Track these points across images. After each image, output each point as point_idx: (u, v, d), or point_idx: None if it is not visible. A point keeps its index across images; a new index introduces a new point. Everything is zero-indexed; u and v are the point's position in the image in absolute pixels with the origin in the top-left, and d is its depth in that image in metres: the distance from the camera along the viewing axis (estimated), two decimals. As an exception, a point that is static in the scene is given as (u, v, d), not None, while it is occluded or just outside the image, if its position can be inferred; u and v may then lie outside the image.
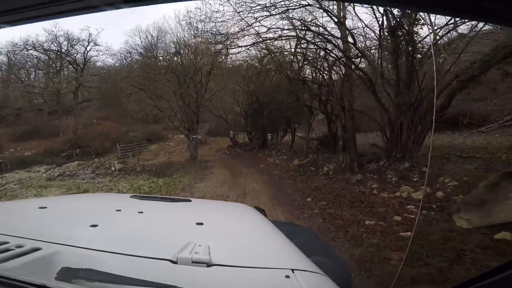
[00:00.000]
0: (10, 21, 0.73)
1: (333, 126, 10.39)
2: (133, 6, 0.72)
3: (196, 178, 8.96)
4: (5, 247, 0.74)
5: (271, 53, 10.57)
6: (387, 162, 7.20)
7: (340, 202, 5.57)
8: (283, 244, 1.07)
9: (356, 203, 5.42)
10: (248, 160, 13.70)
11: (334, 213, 4.97)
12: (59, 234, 0.88)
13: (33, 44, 23.91)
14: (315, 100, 11.03)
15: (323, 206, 5.46)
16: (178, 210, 1.45)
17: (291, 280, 0.72)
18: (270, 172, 9.96)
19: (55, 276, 0.64)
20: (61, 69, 28.46)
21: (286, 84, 12.79)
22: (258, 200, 6.21)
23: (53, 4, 0.68)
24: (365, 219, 4.59)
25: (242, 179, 8.80)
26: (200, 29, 8.97)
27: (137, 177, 9.35)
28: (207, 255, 0.78)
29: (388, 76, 7.44)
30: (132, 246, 0.84)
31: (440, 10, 0.67)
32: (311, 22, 8.12)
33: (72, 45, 25.72)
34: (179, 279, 0.67)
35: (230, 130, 18.75)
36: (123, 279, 0.63)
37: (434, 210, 4.87)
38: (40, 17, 0.73)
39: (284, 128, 15.54)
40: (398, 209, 5.06)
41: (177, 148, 20.82)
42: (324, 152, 10.28)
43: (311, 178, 8.08)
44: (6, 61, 26.97)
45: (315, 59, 9.81)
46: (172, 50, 14.80)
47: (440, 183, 5.98)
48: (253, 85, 16.14)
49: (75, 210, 1.36)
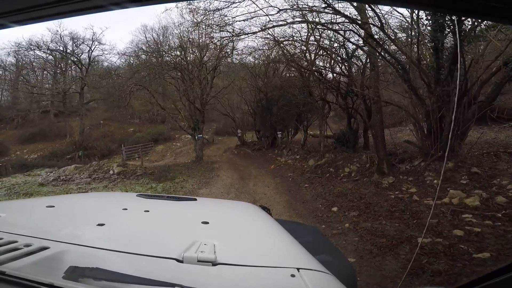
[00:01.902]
0: (17, 21, 0.74)
1: (353, 122, 9.24)
2: (139, 5, 0.72)
3: (200, 183, 8.02)
4: (13, 246, 0.75)
5: (280, 43, 9.55)
6: (424, 161, 6.10)
7: (375, 212, 4.50)
8: (289, 243, 1.05)
9: (397, 213, 4.35)
10: (257, 161, 12.75)
11: (372, 228, 3.92)
12: (67, 233, 0.90)
13: (37, 44, 23.54)
14: (332, 93, 9.95)
15: (354, 218, 4.40)
16: (184, 209, 1.45)
17: (297, 279, 0.71)
18: (282, 174, 8.95)
19: (63, 275, 0.63)
20: (66, 70, 28.29)
21: (297, 77, 11.81)
22: (271, 209, 5.18)
23: (59, 4, 0.68)
24: (415, 235, 3.54)
25: (251, 183, 7.83)
26: (205, 15, 7.97)
27: (137, 182, 8.50)
28: (213, 254, 0.77)
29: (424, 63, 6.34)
30: (138, 245, 0.84)
31: (445, 10, 0.78)
32: (325, 9, 7.09)
33: (77, 45, 25.34)
34: (185, 278, 0.66)
35: (238, 129, 18.05)
36: (130, 278, 0.63)
37: (501, 219, 3.82)
38: (47, 17, 0.74)
39: (295, 126, 14.57)
40: (452, 220, 3.99)
41: (184, 149, 20.19)
42: (342, 151, 9.20)
43: (331, 181, 7.02)
44: (14, 62, 26.94)
45: (332, 47, 8.71)
46: (175, 44, 13.91)
47: (497, 186, 4.89)
48: (261, 80, 15.26)
49: (82, 209, 1.36)
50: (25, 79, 27.92)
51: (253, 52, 11.42)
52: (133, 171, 9.59)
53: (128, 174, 9.26)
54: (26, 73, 28.30)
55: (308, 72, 9.83)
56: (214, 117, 22.82)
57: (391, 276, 2.76)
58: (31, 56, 25.80)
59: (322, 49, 8.88)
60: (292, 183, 7.48)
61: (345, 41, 8.10)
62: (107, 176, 9.00)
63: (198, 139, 12.79)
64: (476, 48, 6.11)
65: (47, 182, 8.98)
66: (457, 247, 3.15)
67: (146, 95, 14.11)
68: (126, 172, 9.37)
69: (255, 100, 16.48)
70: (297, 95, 11.22)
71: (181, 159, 15.21)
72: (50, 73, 28.30)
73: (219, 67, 14.06)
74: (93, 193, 6.12)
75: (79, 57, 25.78)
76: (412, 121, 6.41)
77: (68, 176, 9.09)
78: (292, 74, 13.26)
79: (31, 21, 0.76)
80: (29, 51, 24.68)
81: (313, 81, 9.77)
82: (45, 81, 29.45)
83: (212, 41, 9.53)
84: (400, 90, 7.25)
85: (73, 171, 9.56)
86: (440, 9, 0.60)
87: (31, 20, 0.74)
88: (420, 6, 1.05)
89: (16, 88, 27.82)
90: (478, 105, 5.83)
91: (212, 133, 24.36)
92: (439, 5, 0.60)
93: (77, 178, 8.90)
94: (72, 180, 8.79)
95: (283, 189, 6.90)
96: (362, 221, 4.25)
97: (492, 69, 5.77)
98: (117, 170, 9.26)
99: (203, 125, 13.52)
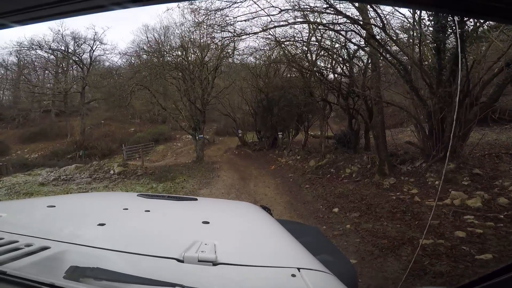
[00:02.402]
0: (19, 21, 0.73)
1: (355, 123, 9.21)
2: (140, 5, 0.72)
3: (201, 183, 8.00)
4: (14, 246, 0.75)
5: (281, 44, 9.54)
6: (426, 162, 6.08)
7: (376, 213, 4.48)
8: (289, 243, 1.05)
9: (398, 214, 4.33)
10: (258, 161, 12.74)
11: (373, 229, 3.89)
12: (67, 233, 0.90)
13: (39, 44, 23.59)
14: (333, 94, 9.92)
15: (355, 219, 4.39)
16: (185, 209, 1.45)
17: (297, 279, 0.71)
18: (283, 174, 8.94)
19: (64, 275, 0.63)
20: (68, 69, 28.32)
21: (298, 78, 11.80)
22: (272, 210, 5.17)
23: (61, 4, 0.68)
24: (417, 236, 3.52)
25: (252, 184, 7.81)
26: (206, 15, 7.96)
27: (137, 182, 8.49)
28: (213, 253, 0.77)
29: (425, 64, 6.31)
30: (139, 245, 0.84)
31: (446, 10, 0.67)
32: (326, 9, 7.07)
33: (79, 44, 25.36)
34: (185, 278, 0.66)
35: (239, 129, 18.00)
36: (130, 278, 0.63)
37: (503, 221, 3.81)
38: (49, 17, 0.74)
39: (296, 126, 14.55)
40: (454, 221, 3.97)
41: (184, 149, 20.18)
42: (343, 152, 9.18)
43: (332, 182, 7.00)
44: (16, 62, 26.99)
45: (333, 47, 8.70)
46: (176, 44, 13.91)
47: (498, 187, 4.86)
48: (262, 81, 15.25)
49: (83, 209, 1.35)
50: (26, 79, 27.95)
51: (254, 53, 11.42)
52: (134, 171, 9.59)
53: (129, 174, 9.26)
54: (27, 73, 28.35)
55: (310, 73, 9.81)
56: (215, 117, 22.81)
57: (393, 277, 2.74)
58: (32, 55, 25.88)
59: (323, 50, 8.86)
60: (293, 183, 7.46)
61: (346, 41, 8.09)
62: (107, 176, 9.00)
63: (199, 139, 12.78)
64: (478, 49, 6.09)
65: (47, 181, 8.98)
66: (459, 248, 3.13)
67: (147, 95, 14.11)
68: (127, 172, 9.36)
69: (256, 101, 16.45)
70: (298, 95, 11.20)
71: (181, 159, 15.18)
72: (52, 73, 28.36)
73: (220, 67, 14.05)
74: (93, 193, 6.12)
75: (81, 56, 25.79)
76: (414, 122, 6.39)
77: (69, 176, 9.09)
78: (293, 74, 13.25)
79: (32, 21, 0.76)
80: (30, 51, 24.75)
81: (314, 81, 9.74)
82: (47, 80, 29.50)
83: (214, 41, 9.49)
84: (401, 91, 7.23)
85: (74, 171, 9.56)
86: (441, 9, 0.60)
87: (32, 20, 0.74)
88: (421, 6, 1.03)
89: (17, 88, 27.85)
90: (480, 106, 5.80)
91: (212, 133, 24.30)
92: (440, 5, 0.60)
93: (77, 178, 8.90)
94: (72, 180, 8.79)
95: (283, 189, 6.89)
96: (363, 222, 4.23)
97: (494, 70, 5.75)
98: (117, 170, 9.25)
99: (203, 125, 13.50)
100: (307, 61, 9.79)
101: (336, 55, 8.62)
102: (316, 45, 8.75)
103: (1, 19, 0.70)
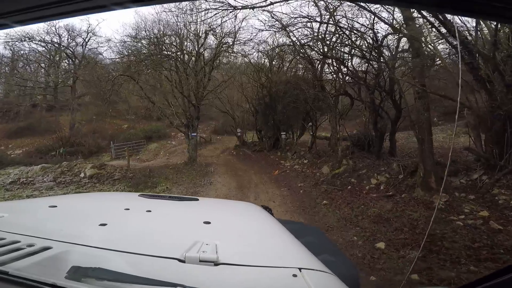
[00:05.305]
0: (19, 21, 0.73)
1: (380, 122, 7.54)
2: (141, 5, 0.71)
3: (187, 193, 6.38)
4: (16, 246, 0.74)
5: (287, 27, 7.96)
6: (487, 174, 4.50)
7: (447, 251, 2.87)
8: (291, 243, 1.04)
9: (484, 252, 2.74)
10: (259, 164, 11.13)
11: (459, 282, 2.31)
12: (69, 233, 0.89)
13: (30, 36, 22.12)
14: (352, 87, 8.32)
15: (419, 261, 2.75)
16: (186, 209, 1.43)
17: (299, 279, 0.70)
18: (290, 183, 7.33)
19: (65, 275, 0.63)
20: (60, 62, 26.82)
21: (307, 69, 10.23)
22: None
23: (62, 4, 0.67)
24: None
25: (251, 194, 6.22)
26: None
27: (111, 188, 6.89)
28: (215, 254, 0.76)
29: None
30: (140, 245, 0.83)
31: (448, 10, 0.72)
32: None
33: (73, 37, 23.98)
34: (187, 278, 0.65)
35: (238, 128, 16.49)
36: (132, 278, 0.63)
37: None
38: (50, 17, 0.73)
39: (301, 126, 12.99)
40: None
41: (178, 148, 18.75)
42: (363, 157, 7.60)
43: (357, 196, 5.40)
44: (10, 54, 25.49)
45: (355, 29, 7.06)
46: (171, 32, 12.27)
47: None
48: (264, 75, 13.69)
49: (85, 209, 1.34)
50: (18, 72, 26.45)
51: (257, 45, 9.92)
52: (111, 174, 7.97)
53: (103, 178, 7.64)
54: (21, 66, 26.89)
55: (323, 61, 8.19)
56: (213, 114, 21.38)
57: None
58: (23, 48, 24.43)
59: (342, 31, 7.18)
60: (305, 197, 5.85)
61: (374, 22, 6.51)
62: (75, 180, 7.37)
63: (192, 138, 11.15)
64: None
65: (4, 184, 7.36)
66: None
67: (136, 88, 12.52)
68: (101, 176, 7.74)
69: (257, 97, 14.91)
70: (306, 89, 9.58)
71: (174, 159, 13.61)
72: (42, 66, 26.84)
73: (218, 57, 12.48)
74: (95, 193, 5.88)
75: (74, 49, 24.37)
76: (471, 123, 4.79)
77: (29, 179, 7.46)
78: (301, 65, 11.64)
79: (34, 21, 0.76)
80: (21, 42, 23.24)
81: (330, 72, 8.13)
82: (38, 74, 28.02)
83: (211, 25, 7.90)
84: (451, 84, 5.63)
85: (38, 173, 7.94)
86: (443, 9, 0.60)
87: (33, 20, 0.74)
88: (424, 6, 1.05)
89: (8, 84, 26.36)
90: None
91: (210, 132, 23.00)
92: (442, 5, 0.59)
93: (39, 181, 7.28)
94: (32, 183, 7.17)
95: (294, 206, 5.28)
96: (436, 268, 2.61)
97: None
98: (89, 173, 7.63)
99: (198, 122, 11.88)
100: (323, 45, 8.11)
101: (360, 39, 7.00)
102: (334, 25, 7.09)
103: (3, 19, 0.69)
